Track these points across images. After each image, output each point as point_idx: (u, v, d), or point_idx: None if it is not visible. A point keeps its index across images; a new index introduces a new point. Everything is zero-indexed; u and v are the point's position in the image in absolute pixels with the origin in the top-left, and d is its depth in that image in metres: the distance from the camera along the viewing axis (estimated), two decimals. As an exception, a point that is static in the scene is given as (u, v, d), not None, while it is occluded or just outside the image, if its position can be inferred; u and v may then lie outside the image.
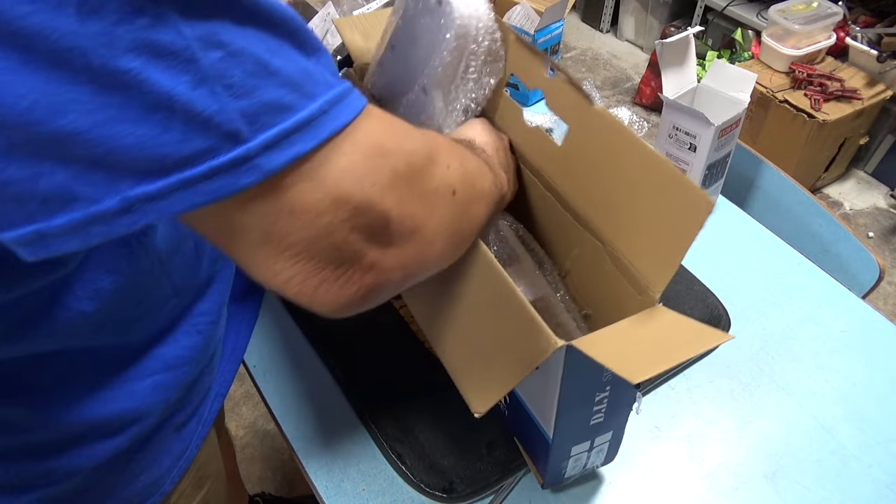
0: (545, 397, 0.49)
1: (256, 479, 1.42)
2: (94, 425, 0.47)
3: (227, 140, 0.28)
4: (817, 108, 1.81)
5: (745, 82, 0.76)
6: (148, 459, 0.53)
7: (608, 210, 0.50)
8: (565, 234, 0.55)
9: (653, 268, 0.46)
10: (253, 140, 0.28)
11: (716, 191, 0.84)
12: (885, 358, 0.70)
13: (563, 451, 0.53)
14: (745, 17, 2.16)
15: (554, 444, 0.51)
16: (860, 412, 0.65)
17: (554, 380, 0.45)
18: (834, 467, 0.61)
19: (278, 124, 0.29)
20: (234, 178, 0.28)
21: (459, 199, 0.39)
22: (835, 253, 0.90)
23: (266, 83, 0.29)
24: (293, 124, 0.29)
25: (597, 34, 2.76)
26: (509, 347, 0.44)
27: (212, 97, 0.27)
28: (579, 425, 0.51)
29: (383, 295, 0.37)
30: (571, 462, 0.55)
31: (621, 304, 0.49)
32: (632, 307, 0.47)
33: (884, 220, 2.00)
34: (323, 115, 0.30)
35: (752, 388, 0.68)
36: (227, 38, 0.28)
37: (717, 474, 0.61)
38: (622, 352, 0.40)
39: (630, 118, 0.97)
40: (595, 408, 0.49)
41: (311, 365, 0.70)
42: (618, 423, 0.54)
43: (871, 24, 1.96)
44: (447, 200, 0.38)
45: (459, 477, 0.59)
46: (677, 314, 0.43)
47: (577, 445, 0.53)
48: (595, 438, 0.53)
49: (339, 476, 0.61)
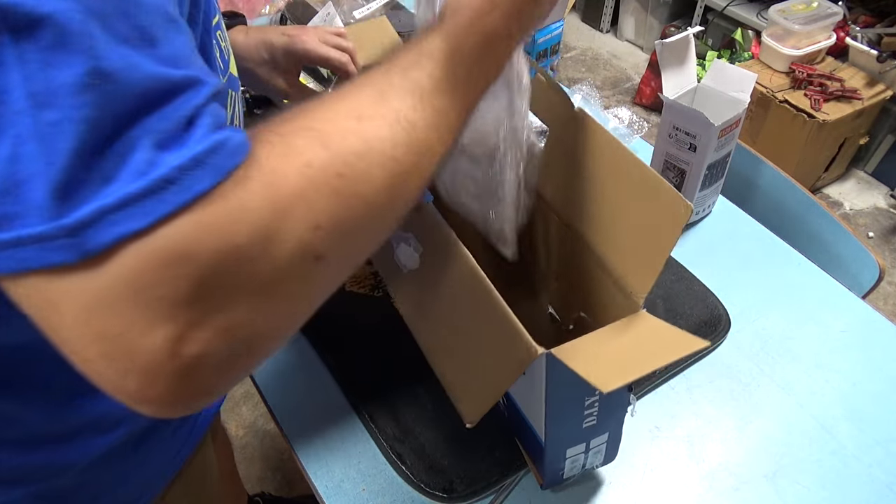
0: (534, 402, 0.49)
1: (256, 479, 1.42)
2: (87, 421, 0.47)
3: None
4: (817, 108, 1.81)
5: (745, 82, 0.76)
6: (140, 459, 0.53)
7: (591, 214, 0.50)
8: (552, 235, 0.55)
9: (636, 272, 0.46)
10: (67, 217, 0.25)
11: (716, 191, 0.84)
12: (885, 358, 0.70)
13: (558, 453, 0.53)
14: (745, 17, 2.16)
15: (547, 446, 0.52)
16: (860, 412, 0.65)
17: (540, 385, 0.46)
18: (834, 467, 0.61)
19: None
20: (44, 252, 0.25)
21: (333, 258, 0.31)
22: (835, 253, 0.90)
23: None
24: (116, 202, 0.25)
25: (597, 34, 2.76)
26: (494, 356, 0.44)
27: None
28: (572, 428, 0.51)
29: (208, 374, 0.29)
30: (568, 463, 0.55)
31: (609, 308, 0.50)
32: (618, 311, 0.47)
33: (884, 220, 2.00)
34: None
35: (752, 388, 0.68)
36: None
37: (717, 474, 0.61)
38: (598, 360, 0.40)
39: (630, 118, 0.97)
40: (586, 411, 0.49)
41: (312, 365, 0.70)
42: (613, 424, 0.54)
43: (871, 24, 1.96)
44: (305, 274, 0.31)
45: (459, 477, 0.59)
46: (658, 320, 0.43)
47: (571, 448, 0.53)
48: (590, 440, 0.53)
49: (339, 476, 0.61)
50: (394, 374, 0.67)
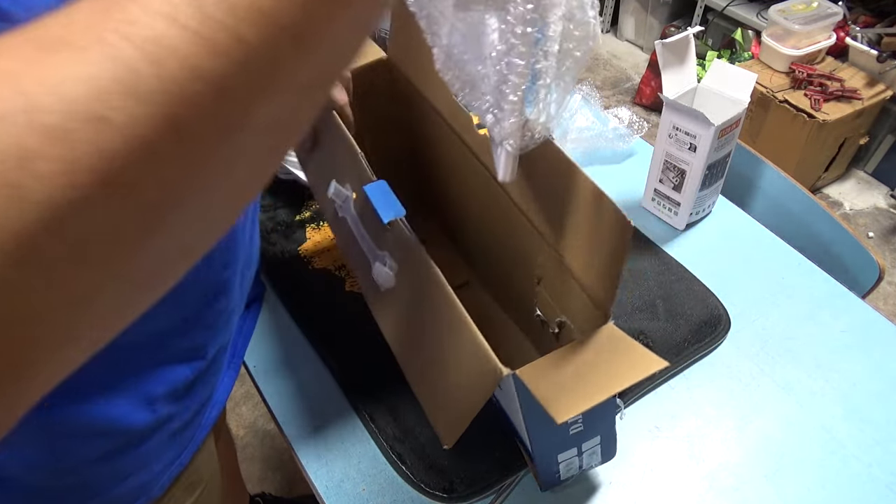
0: (514, 412, 0.49)
1: (256, 479, 1.42)
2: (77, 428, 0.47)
3: None
4: (817, 108, 1.81)
5: (745, 82, 0.76)
6: (138, 462, 0.53)
7: (557, 225, 0.50)
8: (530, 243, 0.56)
9: (599, 285, 0.46)
10: None
11: (716, 191, 0.84)
12: (885, 358, 0.70)
13: (549, 458, 0.53)
14: (745, 17, 2.16)
15: (535, 453, 0.52)
16: (860, 412, 0.65)
17: (515, 401, 0.46)
18: (834, 467, 0.61)
19: None
20: None
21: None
22: (835, 253, 0.90)
23: None
24: None
25: (597, 34, 2.76)
26: (466, 376, 0.44)
27: None
28: (557, 436, 0.51)
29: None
30: (563, 467, 0.55)
31: (582, 315, 0.50)
32: (591, 319, 0.47)
33: (884, 220, 2.00)
34: None
35: (752, 388, 0.68)
36: None
37: (717, 474, 0.61)
38: (557, 383, 0.40)
39: (630, 118, 0.97)
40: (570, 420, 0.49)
41: (312, 365, 0.70)
42: (604, 427, 0.54)
43: (871, 24, 1.96)
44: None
45: (459, 477, 0.59)
46: (624, 336, 0.43)
47: (562, 453, 0.53)
48: (581, 444, 0.53)
49: (339, 476, 0.61)
50: (394, 375, 0.67)
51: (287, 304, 0.74)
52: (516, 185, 0.54)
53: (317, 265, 0.77)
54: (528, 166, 0.48)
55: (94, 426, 0.47)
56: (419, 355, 0.50)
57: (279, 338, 0.72)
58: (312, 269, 0.77)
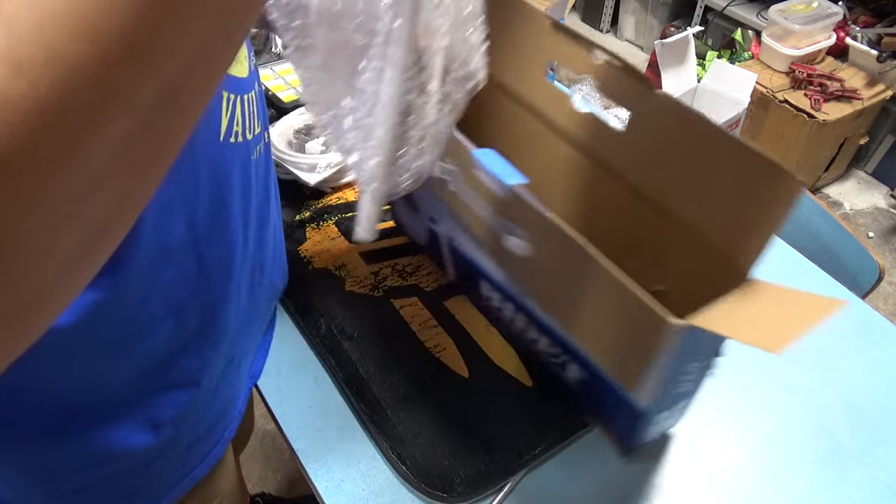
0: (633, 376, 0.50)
1: (256, 479, 1.42)
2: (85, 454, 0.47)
3: None
4: (817, 108, 1.81)
5: (745, 82, 0.76)
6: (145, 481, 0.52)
7: (681, 191, 0.52)
8: (625, 213, 0.58)
9: (740, 243, 0.47)
10: None
11: (716, 191, 0.84)
12: (885, 358, 0.70)
13: (650, 419, 0.55)
14: (745, 17, 2.16)
15: (642, 415, 0.53)
16: (860, 412, 0.65)
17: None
18: (834, 467, 0.61)
19: None
20: None
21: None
22: (835, 253, 0.90)
23: None
24: None
25: (597, 34, 2.76)
26: (630, 330, 0.46)
27: None
28: (670, 398, 0.53)
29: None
30: (653, 428, 0.57)
31: (702, 279, 0.50)
32: (717, 281, 0.47)
33: (884, 220, 2.00)
34: None
35: (752, 388, 0.68)
36: None
37: (717, 474, 0.61)
38: (747, 323, 0.40)
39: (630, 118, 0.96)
40: (686, 377, 0.51)
41: (311, 365, 0.70)
42: (697, 389, 0.56)
43: (871, 24, 1.96)
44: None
45: (459, 477, 0.59)
46: (779, 285, 0.43)
47: (661, 413, 0.55)
48: (679, 404, 0.56)
49: (339, 476, 0.61)
50: (394, 375, 0.67)
51: (287, 303, 0.74)
52: (629, 162, 0.57)
53: (317, 265, 0.77)
54: (655, 137, 0.51)
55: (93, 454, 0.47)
56: (575, 308, 0.52)
57: (279, 338, 0.72)
58: (312, 269, 0.77)
